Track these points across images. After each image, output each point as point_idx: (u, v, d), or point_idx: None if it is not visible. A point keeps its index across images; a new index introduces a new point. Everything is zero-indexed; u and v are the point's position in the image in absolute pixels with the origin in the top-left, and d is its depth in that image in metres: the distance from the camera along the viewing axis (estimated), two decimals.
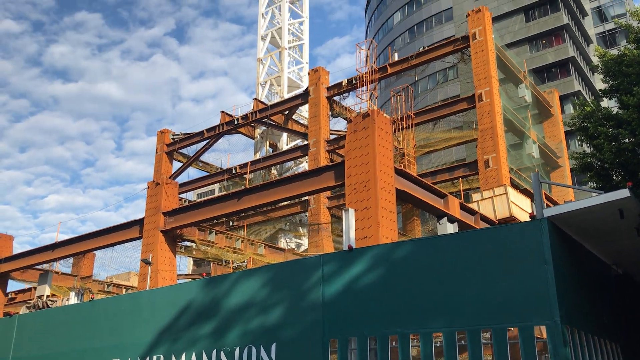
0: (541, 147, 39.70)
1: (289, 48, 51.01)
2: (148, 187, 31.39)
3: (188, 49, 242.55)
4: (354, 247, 12.31)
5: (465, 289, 10.52)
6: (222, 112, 44.76)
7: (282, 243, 42.65)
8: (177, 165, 47.42)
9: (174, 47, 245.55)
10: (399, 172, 23.20)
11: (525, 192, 31.45)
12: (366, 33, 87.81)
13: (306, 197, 35.99)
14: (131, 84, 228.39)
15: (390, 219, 21.46)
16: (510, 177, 32.85)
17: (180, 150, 46.84)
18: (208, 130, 44.77)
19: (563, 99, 54.34)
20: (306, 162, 43.05)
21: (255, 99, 44.64)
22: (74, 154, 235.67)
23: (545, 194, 35.28)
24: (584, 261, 12.22)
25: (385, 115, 23.81)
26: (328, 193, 35.28)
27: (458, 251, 10.92)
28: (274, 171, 45.55)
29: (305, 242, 42.94)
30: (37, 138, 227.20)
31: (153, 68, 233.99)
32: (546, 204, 29.11)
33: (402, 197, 23.70)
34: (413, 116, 36.49)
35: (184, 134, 46.36)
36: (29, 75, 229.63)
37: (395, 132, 35.45)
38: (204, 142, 45.47)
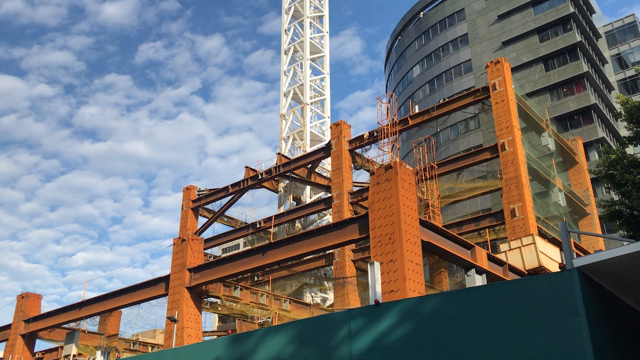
0: (568, 195, 39.19)
1: (311, 103, 51.90)
2: (174, 244, 31.58)
3: (214, 107, 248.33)
4: (380, 301, 12.15)
5: (496, 343, 10.25)
6: (247, 167, 45.33)
7: (308, 298, 42.22)
8: (202, 220, 47.80)
9: (200, 106, 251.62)
10: (424, 224, 23.04)
11: (553, 241, 30.91)
12: (386, 86, 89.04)
13: (331, 250, 35.81)
14: (158, 142, 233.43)
15: (416, 272, 21.18)
16: (538, 227, 32.35)
17: (206, 206, 47.28)
18: (233, 185, 45.23)
19: (587, 146, 53.93)
20: (330, 214, 43.04)
21: (279, 153, 45.20)
22: (102, 211, 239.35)
23: (574, 243, 34.60)
24: (618, 312, 11.85)
25: (407, 166, 23.85)
26: (353, 246, 35.07)
27: (487, 304, 10.70)
28: (298, 224, 45.58)
29: (330, 296, 42.45)
30: (67, 197, 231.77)
31: (180, 126, 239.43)
32: (576, 253, 28.54)
33: (428, 249, 23.45)
34: (436, 167, 36.48)
35: (209, 190, 46.88)
36: (60, 136, 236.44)
37: (418, 183, 35.41)
38: (229, 197, 45.89)
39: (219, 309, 37.51)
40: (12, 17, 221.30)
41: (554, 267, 27.49)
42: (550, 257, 28.23)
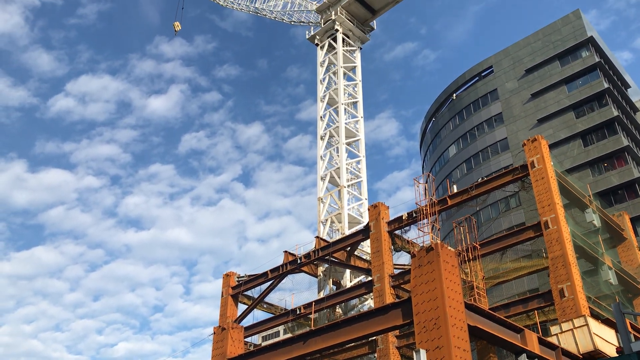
0: (618, 273, 37.63)
1: (348, 186, 52.24)
2: (214, 333, 31.21)
3: (254, 192, 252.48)
4: None
5: None
6: (285, 251, 45.24)
7: None
8: (242, 307, 47.34)
9: (240, 191, 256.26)
10: (470, 307, 22.28)
11: (607, 322, 29.38)
12: (422, 166, 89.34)
13: (374, 337, 34.77)
14: (200, 228, 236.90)
15: (464, 359, 20.29)
16: (590, 307, 30.92)
17: (245, 292, 46.97)
18: (272, 270, 45.05)
19: (634, 220, 52.29)
20: (371, 299, 42.14)
21: (317, 237, 45.11)
22: (144, 300, 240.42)
23: (630, 323, 32.83)
24: None
25: (449, 247, 23.42)
26: (396, 332, 34.02)
27: None
28: (338, 310, 44.68)
29: None
30: (110, 286, 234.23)
31: (221, 212, 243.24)
32: (633, 335, 27.01)
33: (475, 334, 22.54)
34: (479, 247, 35.72)
35: (249, 276, 46.74)
36: (105, 226, 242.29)
37: (461, 264, 34.61)
38: (268, 283, 45.56)
39: None
40: (65, 114, 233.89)
41: (610, 350, 26.00)
42: (606, 340, 26.77)
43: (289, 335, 34.99)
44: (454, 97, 79.99)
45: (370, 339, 35.30)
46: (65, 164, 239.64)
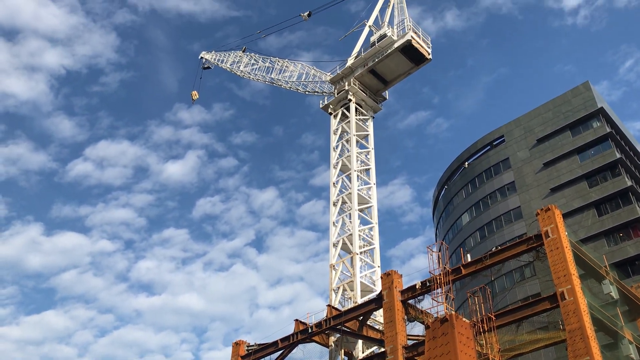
0: (639, 348, 36.52)
1: (360, 253, 51.89)
2: None
3: (266, 257, 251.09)
4: None
5: None
6: (296, 320, 44.53)
7: None
8: None
9: (253, 256, 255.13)
10: None
11: None
12: (436, 234, 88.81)
13: None
14: (211, 294, 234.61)
15: None
16: None
17: None
18: (282, 340, 44.23)
19: None
20: None
21: (329, 305, 44.47)
22: None
23: None
24: None
25: (464, 319, 23.04)
26: None
27: None
28: None
29: None
30: (118, 352, 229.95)
31: (233, 277, 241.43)
32: None
33: None
34: (494, 318, 34.99)
35: (259, 345, 45.87)
36: (117, 290, 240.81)
37: (476, 335, 33.80)
38: (279, 353, 44.63)
39: None
40: (82, 179, 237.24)
41: None
42: None
43: None
44: (466, 165, 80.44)
45: None
46: (81, 227, 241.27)
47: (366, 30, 63.57)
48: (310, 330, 42.83)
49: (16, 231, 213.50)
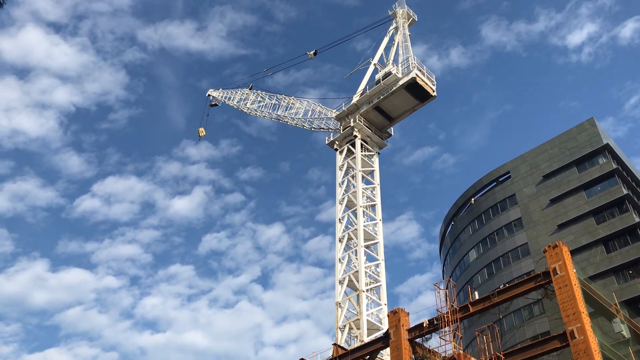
0: None
1: (367, 290, 51.42)
2: None
3: (272, 294, 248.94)
4: None
5: None
6: (301, 359, 43.91)
7: None
8: None
9: (258, 293, 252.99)
10: None
11: None
12: (443, 271, 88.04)
13: None
14: (216, 331, 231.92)
15: None
16: None
17: None
18: None
19: None
20: None
21: (335, 344, 43.87)
22: None
23: None
24: None
25: (472, 358, 22.65)
26: None
27: None
28: None
29: None
30: None
31: (238, 314, 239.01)
32: None
33: None
34: (503, 357, 34.38)
35: None
36: (121, 328, 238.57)
37: None
38: None
39: None
40: (89, 215, 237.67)
41: None
42: None
43: None
44: (473, 202, 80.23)
45: None
46: (86, 263, 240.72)
47: (371, 68, 64.43)
48: None
49: (22, 267, 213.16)
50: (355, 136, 60.65)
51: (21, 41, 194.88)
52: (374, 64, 64.52)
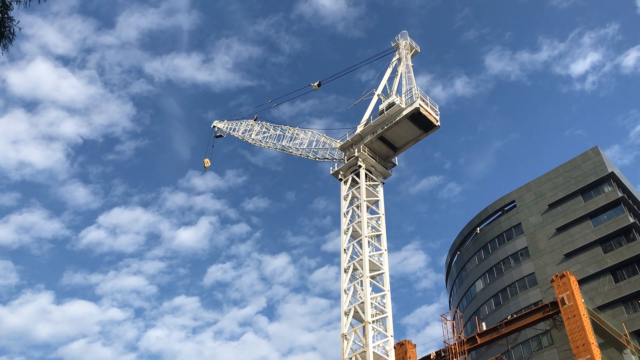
0: None
1: (373, 322, 50.85)
2: None
3: (278, 326, 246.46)
4: None
5: None
6: None
7: None
8: None
9: (264, 325, 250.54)
10: None
11: None
12: (449, 301, 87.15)
13: None
14: None
15: None
16: None
17: None
18: None
19: None
20: None
21: None
22: None
23: None
24: None
25: None
26: None
27: None
28: None
29: None
30: None
31: (243, 347, 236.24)
32: None
33: None
34: None
35: None
36: None
37: None
38: None
39: None
40: (95, 246, 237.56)
41: None
42: None
43: None
44: (478, 231, 79.84)
45: None
46: (91, 295, 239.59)
47: (375, 98, 64.86)
48: None
49: (26, 300, 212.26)
50: (360, 166, 60.73)
51: (30, 74, 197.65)
52: (378, 95, 64.98)
